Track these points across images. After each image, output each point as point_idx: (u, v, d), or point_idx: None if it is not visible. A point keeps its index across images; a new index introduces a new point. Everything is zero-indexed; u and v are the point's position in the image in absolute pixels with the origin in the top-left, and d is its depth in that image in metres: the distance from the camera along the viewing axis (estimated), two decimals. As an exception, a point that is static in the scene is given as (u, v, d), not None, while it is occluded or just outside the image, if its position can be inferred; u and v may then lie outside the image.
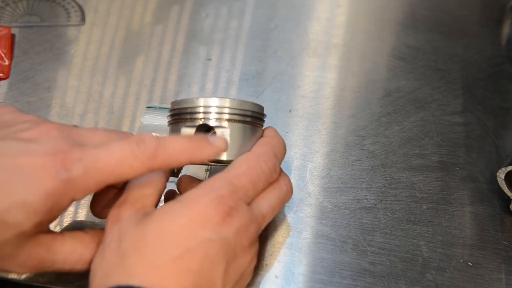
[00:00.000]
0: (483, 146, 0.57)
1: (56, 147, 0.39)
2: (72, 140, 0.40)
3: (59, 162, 0.38)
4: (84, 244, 0.42)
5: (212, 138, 0.44)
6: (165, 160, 0.41)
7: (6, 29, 0.64)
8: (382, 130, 0.58)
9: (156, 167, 0.41)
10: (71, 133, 0.42)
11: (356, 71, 0.63)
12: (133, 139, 0.41)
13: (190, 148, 0.42)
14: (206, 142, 0.43)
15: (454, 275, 0.49)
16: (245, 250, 0.42)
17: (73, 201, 0.40)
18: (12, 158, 0.38)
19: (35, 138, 0.40)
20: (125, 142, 0.40)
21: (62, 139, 0.40)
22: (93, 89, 0.62)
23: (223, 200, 0.41)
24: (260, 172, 0.44)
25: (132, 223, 0.40)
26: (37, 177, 0.38)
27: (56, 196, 0.38)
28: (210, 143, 0.43)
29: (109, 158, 0.40)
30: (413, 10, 0.68)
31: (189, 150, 0.42)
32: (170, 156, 0.41)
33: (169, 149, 0.41)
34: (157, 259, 0.38)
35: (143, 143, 0.40)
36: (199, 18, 0.67)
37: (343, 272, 0.49)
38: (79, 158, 0.39)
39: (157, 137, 0.41)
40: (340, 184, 0.55)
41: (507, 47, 0.65)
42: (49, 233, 0.41)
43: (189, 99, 0.46)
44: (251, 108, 0.46)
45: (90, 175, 0.39)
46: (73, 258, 0.42)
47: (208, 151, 0.43)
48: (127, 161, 0.40)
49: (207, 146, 0.43)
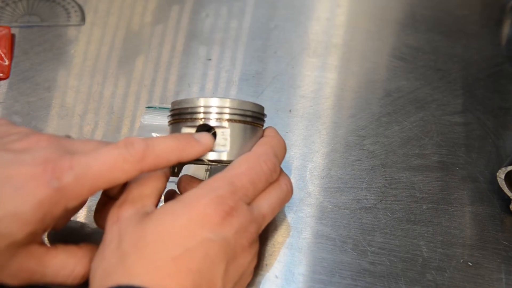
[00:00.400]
0: (483, 146, 0.57)
1: (46, 156, 0.39)
2: (62, 149, 0.41)
3: (49, 171, 0.38)
4: (76, 259, 0.42)
5: (198, 135, 0.44)
6: (154, 160, 0.41)
7: (6, 29, 0.64)
8: (382, 130, 0.58)
9: (146, 168, 0.41)
10: (61, 142, 0.42)
11: (356, 71, 0.63)
12: (121, 143, 0.41)
13: (178, 147, 0.42)
14: (193, 141, 0.43)
15: (454, 275, 0.49)
16: (245, 250, 0.42)
17: (67, 210, 0.40)
18: (3, 169, 0.38)
19: (25, 148, 0.40)
20: (114, 146, 0.40)
21: (52, 148, 0.40)
22: (93, 89, 0.62)
23: (223, 200, 0.41)
24: (260, 172, 0.44)
25: (132, 223, 0.40)
26: (28, 187, 0.38)
27: (47, 205, 0.38)
28: (197, 141, 0.44)
29: (100, 164, 0.40)
30: (413, 10, 0.68)
31: (177, 149, 0.42)
32: (159, 157, 0.41)
33: (157, 150, 0.41)
34: (157, 259, 0.38)
35: (132, 145, 0.40)
36: (199, 18, 0.67)
37: (343, 272, 0.49)
38: (69, 166, 0.39)
39: (145, 139, 0.41)
40: (340, 184, 0.55)
41: (507, 47, 0.65)
42: (42, 245, 0.41)
43: (189, 99, 0.46)
44: (252, 108, 0.46)
45: (82, 182, 0.39)
46: (64, 272, 0.42)
47: (196, 149, 0.43)
48: (117, 165, 0.40)
49: (194, 144, 0.43)
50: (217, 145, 0.45)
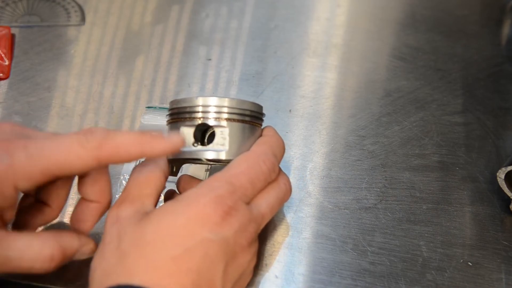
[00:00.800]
0: (483, 146, 0.57)
1: (4, 138, 0.40)
2: (22, 135, 0.41)
3: (2, 149, 0.39)
4: (41, 239, 0.41)
5: (169, 134, 0.44)
6: (112, 150, 0.40)
7: (6, 29, 0.64)
8: (382, 130, 0.58)
9: (104, 157, 0.40)
10: (24, 130, 0.42)
11: (356, 71, 0.63)
12: (82, 131, 0.41)
13: (140, 141, 0.41)
14: (159, 137, 0.42)
15: (454, 275, 0.49)
16: (244, 250, 0.42)
17: (16, 190, 0.39)
18: None
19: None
20: (73, 133, 0.41)
21: (12, 133, 0.41)
22: (93, 89, 0.62)
23: (222, 199, 0.41)
24: (259, 171, 0.44)
25: (132, 222, 0.40)
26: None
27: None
28: (163, 138, 0.42)
29: (55, 147, 0.40)
30: (413, 10, 0.68)
31: (139, 142, 0.41)
32: (118, 147, 0.41)
33: (117, 140, 0.41)
34: (157, 258, 0.38)
35: (91, 133, 0.40)
36: (199, 18, 0.67)
37: (343, 272, 0.49)
38: (23, 145, 0.39)
39: (108, 130, 0.41)
40: (340, 184, 0.55)
41: (507, 47, 0.65)
42: (3, 229, 0.41)
43: (188, 98, 0.46)
44: (250, 108, 0.46)
45: (34, 162, 0.39)
46: (30, 254, 0.40)
47: (162, 145, 0.42)
48: (72, 149, 0.40)
49: (160, 141, 0.42)
50: (216, 144, 0.45)
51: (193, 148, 0.45)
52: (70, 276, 0.48)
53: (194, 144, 0.45)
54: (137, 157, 0.42)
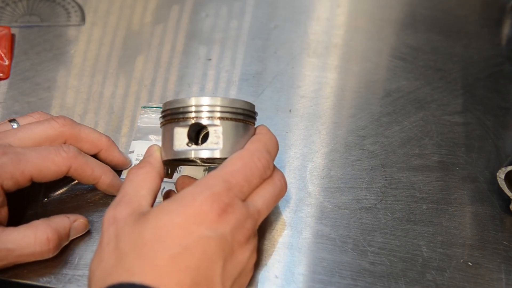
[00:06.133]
0: (483, 146, 0.57)
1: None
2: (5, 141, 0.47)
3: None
4: (34, 226, 0.45)
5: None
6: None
7: (6, 29, 0.64)
8: (382, 130, 0.58)
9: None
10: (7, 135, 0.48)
11: (356, 71, 0.63)
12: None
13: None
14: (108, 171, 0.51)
15: (454, 275, 0.49)
16: (242, 246, 0.42)
17: (4, 190, 0.45)
18: None
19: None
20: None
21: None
22: (93, 89, 0.62)
23: (218, 197, 0.41)
24: (254, 168, 0.44)
25: (129, 223, 0.41)
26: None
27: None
28: (112, 172, 0.51)
29: (34, 154, 0.46)
30: (413, 10, 0.68)
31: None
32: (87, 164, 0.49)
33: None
34: (156, 258, 0.39)
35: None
36: (199, 18, 0.67)
37: (343, 272, 0.49)
38: (3, 152, 0.46)
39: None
40: (340, 184, 0.55)
41: (507, 47, 0.65)
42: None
43: (180, 99, 0.46)
44: (243, 106, 0.46)
45: (17, 164, 0.45)
46: (27, 242, 0.44)
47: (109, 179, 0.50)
48: (49, 156, 0.47)
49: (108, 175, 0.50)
50: (210, 143, 0.45)
51: (187, 148, 0.45)
52: (70, 275, 0.48)
53: (188, 144, 0.45)
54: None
